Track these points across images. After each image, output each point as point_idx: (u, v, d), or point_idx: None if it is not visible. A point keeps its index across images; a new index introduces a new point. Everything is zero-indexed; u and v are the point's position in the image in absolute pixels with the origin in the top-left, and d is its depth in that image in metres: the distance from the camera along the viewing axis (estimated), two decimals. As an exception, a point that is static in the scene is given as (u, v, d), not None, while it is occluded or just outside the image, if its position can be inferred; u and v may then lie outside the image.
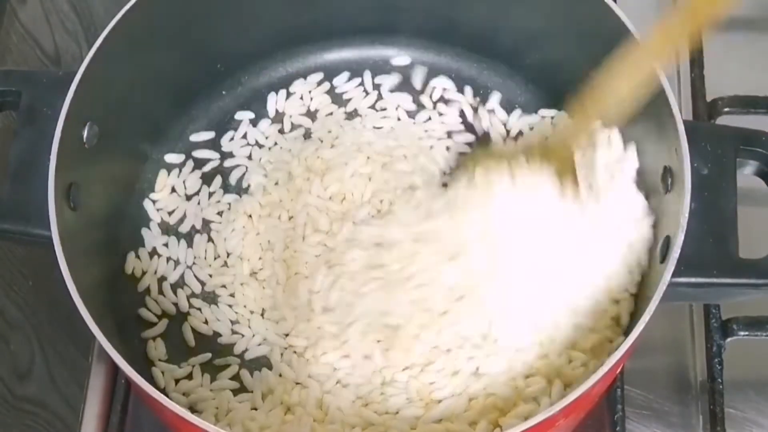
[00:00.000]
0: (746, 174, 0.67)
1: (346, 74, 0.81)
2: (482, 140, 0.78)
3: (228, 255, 0.74)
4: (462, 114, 0.79)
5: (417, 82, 0.81)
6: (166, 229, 0.76)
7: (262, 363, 0.70)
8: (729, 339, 0.71)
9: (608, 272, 0.66)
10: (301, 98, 0.81)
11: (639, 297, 0.67)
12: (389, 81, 0.81)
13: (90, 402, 0.73)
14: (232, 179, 0.77)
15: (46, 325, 0.77)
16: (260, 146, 0.79)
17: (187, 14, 0.74)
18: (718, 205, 0.65)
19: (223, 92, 0.80)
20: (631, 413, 0.71)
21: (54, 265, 0.61)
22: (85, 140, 0.68)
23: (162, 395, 0.58)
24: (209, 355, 0.71)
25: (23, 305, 0.78)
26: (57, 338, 0.76)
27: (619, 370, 0.68)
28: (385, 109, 0.80)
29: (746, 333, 0.71)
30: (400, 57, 0.81)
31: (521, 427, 0.56)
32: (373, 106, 0.80)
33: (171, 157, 0.78)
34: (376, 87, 0.81)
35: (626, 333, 0.61)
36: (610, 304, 0.67)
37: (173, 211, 0.76)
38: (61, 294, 0.60)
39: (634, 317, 0.64)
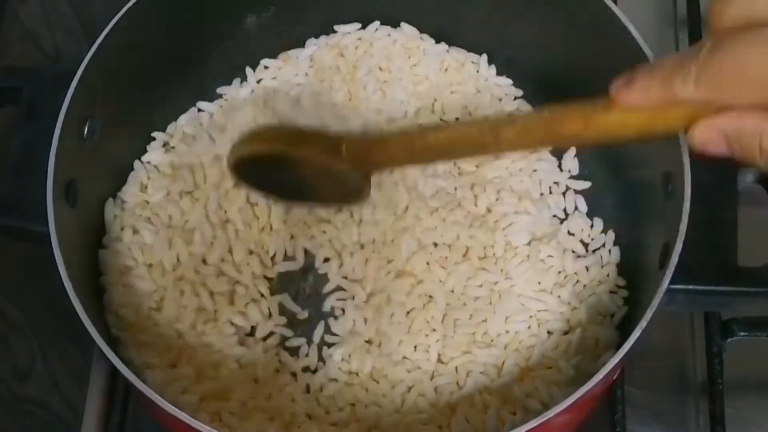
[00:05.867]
0: (747, 181, 0.67)
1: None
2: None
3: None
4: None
5: None
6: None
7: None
8: (729, 339, 0.71)
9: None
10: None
11: (637, 303, 0.67)
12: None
13: (90, 402, 0.73)
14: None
15: (46, 325, 0.77)
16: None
17: (188, 11, 0.74)
18: (718, 212, 0.65)
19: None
20: (631, 413, 0.71)
21: (53, 264, 0.61)
22: (85, 137, 0.68)
23: (158, 396, 0.58)
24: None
25: (23, 305, 0.78)
26: (57, 338, 0.76)
27: (615, 375, 0.68)
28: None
29: (746, 333, 0.71)
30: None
31: (519, 430, 0.56)
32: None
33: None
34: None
35: (624, 338, 0.61)
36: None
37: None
38: (61, 294, 0.60)
39: (632, 322, 0.63)
